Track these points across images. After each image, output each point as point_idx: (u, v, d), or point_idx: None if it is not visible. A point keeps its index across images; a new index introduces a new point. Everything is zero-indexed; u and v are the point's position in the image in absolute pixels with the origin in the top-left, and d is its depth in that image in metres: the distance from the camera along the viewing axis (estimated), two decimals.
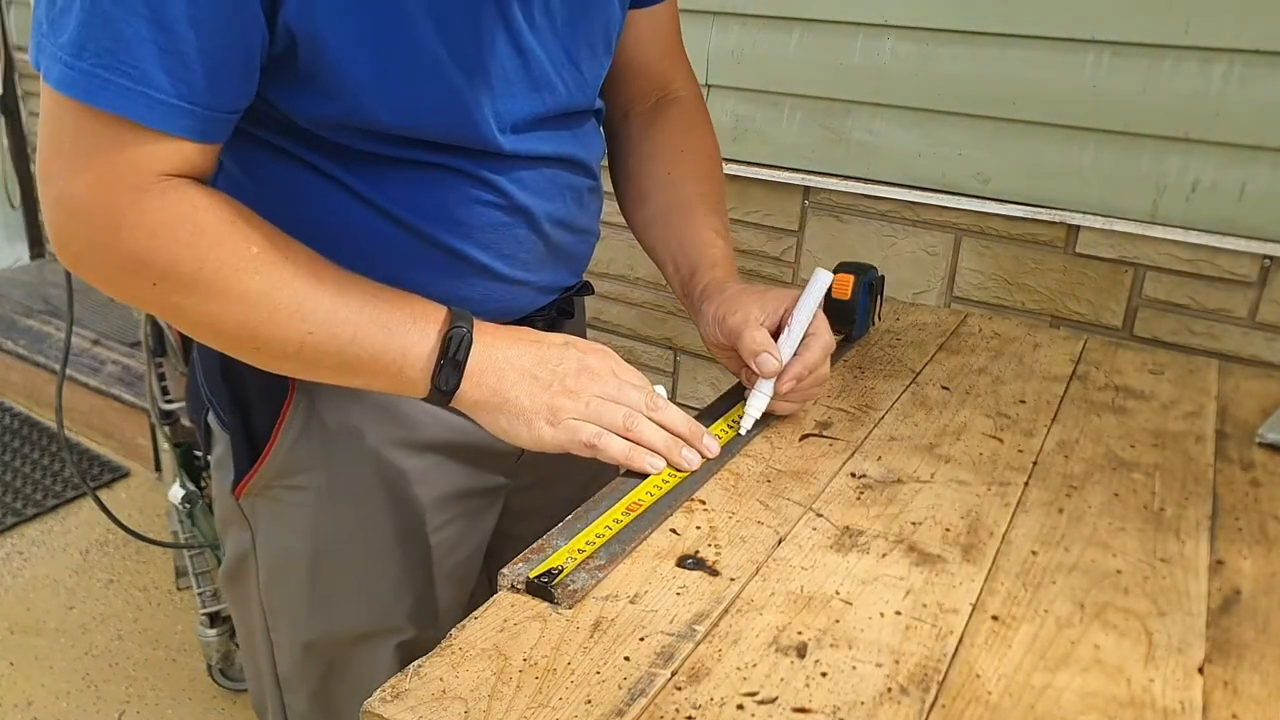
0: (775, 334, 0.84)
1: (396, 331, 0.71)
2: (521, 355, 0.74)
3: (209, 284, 0.67)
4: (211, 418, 0.88)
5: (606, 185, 0.97)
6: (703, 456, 0.78)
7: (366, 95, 0.70)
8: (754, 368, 0.82)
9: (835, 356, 1.02)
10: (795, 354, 0.83)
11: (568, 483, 0.97)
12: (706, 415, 0.87)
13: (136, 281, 0.68)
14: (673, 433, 0.77)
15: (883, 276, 1.10)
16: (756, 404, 0.84)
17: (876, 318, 1.12)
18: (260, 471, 0.84)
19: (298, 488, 0.84)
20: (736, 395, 0.91)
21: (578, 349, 0.76)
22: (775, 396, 0.84)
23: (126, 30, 0.61)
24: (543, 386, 0.74)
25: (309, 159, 0.75)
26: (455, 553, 0.90)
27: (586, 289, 0.98)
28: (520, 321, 0.88)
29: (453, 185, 0.77)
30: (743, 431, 0.83)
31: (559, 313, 0.93)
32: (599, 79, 0.86)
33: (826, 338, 0.85)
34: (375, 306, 0.71)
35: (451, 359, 0.72)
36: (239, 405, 0.84)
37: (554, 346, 0.76)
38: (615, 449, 0.74)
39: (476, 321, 0.74)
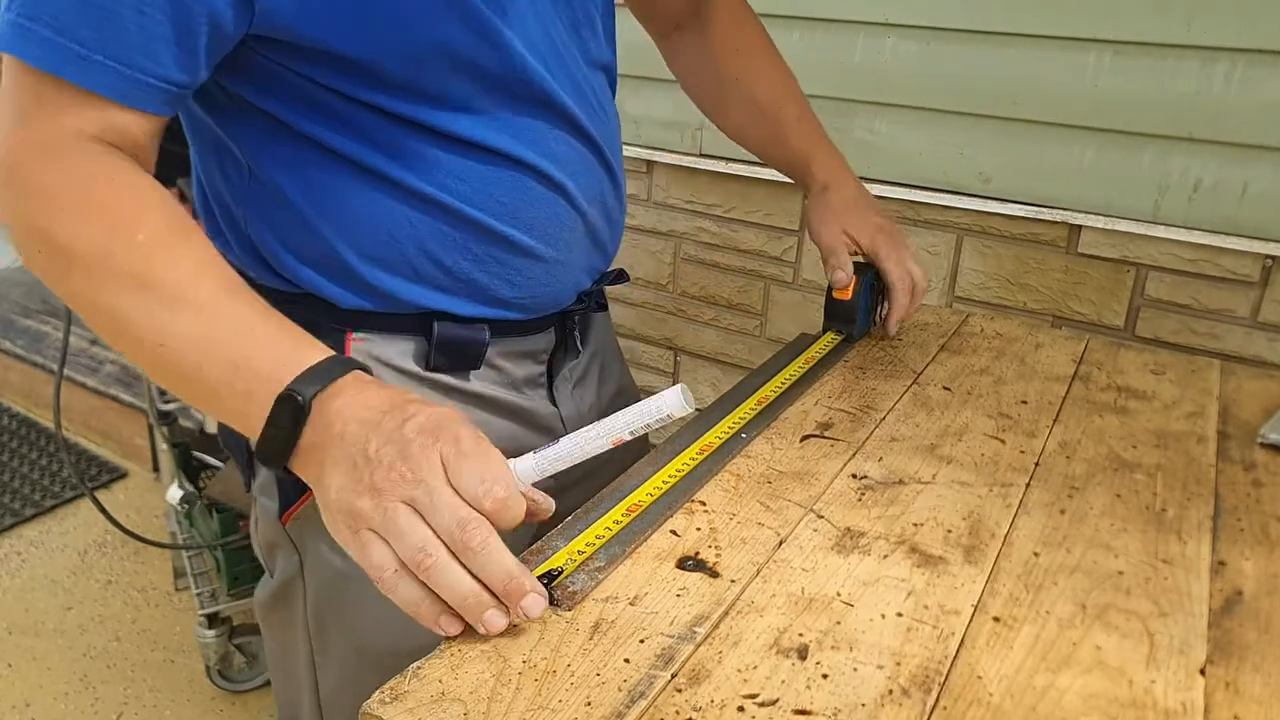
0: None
1: (243, 376, 0.59)
2: (356, 427, 0.57)
3: (82, 260, 0.61)
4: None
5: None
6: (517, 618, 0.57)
7: (378, 11, 0.68)
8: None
9: (835, 356, 1.02)
10: (889, 306, 1.05)
11: (598, 485, 0.97)
12: (709, 414, 0.87)
13: (31, 249, 0.64)
14: (484, 583, 0.56)
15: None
16: None
17: (878, 318, 1.12)
18: (312, 498, 0.80)
19: None
20: (738, 396, 0.90)
21: (417, 417, 0.57)
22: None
23: None
24: (356, 476, 0.56)
25: (338, 146, 0.74)
26: None
27: (622, 277, 0.98)
28: (563, 314, 0.88)
29: (492, 163, 0.77)
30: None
31: (596, 305, 0.94)
32: (596, 22, 0.85)
33: (913, 284, 1.04)
34: (236, 345, 0.60)
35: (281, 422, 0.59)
36: None
37: (396, 407, 0.57)
38: (402, 595, 0.56)
39: (340, 382, 0.59)
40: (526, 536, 0.83)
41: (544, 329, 0.88)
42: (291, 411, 0.58)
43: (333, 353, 0.61)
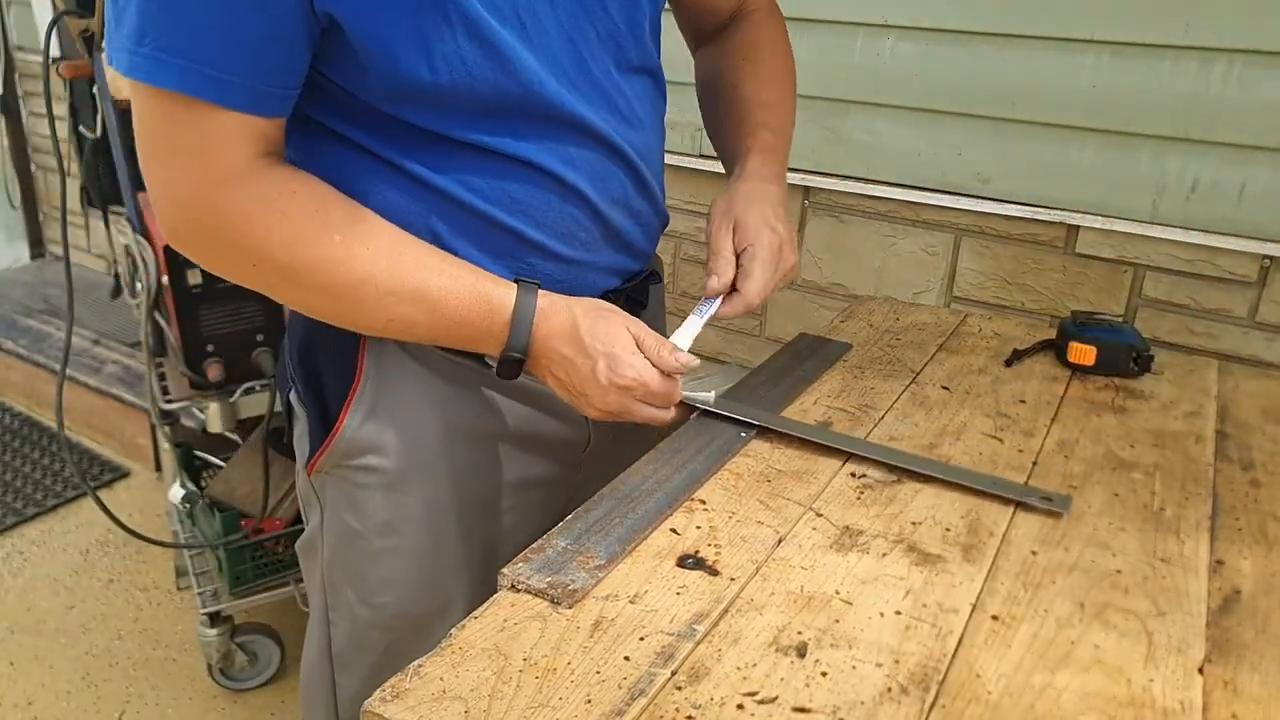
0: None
1: (470, 339, 0.78)
2: (559, 369, 0.80)
3: (299, 274, 0.73)
4: (293, 395, 0.91)
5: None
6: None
7: (404, 56, 0.71)
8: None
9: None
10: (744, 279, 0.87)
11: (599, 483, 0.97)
12: (710, 413, 0.87)
13: (238, 264, 0.75)
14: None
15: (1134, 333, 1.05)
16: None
17: (1134, 365, 1.04)
18: (328, 451, 0.87)
19: (366, 469, 0.86)
20: (740, 395, 0.91)
21: (585, 366, 0.78)
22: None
23: (181, 13, 0.64)
24: (569, 394, 0.81)
25: (366, 143, 0.78)
26: (517, 537, 0.91)
27: (654, 278, 0.98)
28: None
29: (506, 164, 0.78)
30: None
31: (630, 300, 0.94)
32: (638, 26, 0.84)
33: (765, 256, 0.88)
34: (448, 307, 0.76)
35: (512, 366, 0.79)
36: (314, 385, 0.87)
37: (574, 352, 0.79)
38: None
39: (536, 319, 0.78)
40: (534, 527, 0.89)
41: None
42: (517, 362, 0.79)
43: (509, 294, 0.77)
